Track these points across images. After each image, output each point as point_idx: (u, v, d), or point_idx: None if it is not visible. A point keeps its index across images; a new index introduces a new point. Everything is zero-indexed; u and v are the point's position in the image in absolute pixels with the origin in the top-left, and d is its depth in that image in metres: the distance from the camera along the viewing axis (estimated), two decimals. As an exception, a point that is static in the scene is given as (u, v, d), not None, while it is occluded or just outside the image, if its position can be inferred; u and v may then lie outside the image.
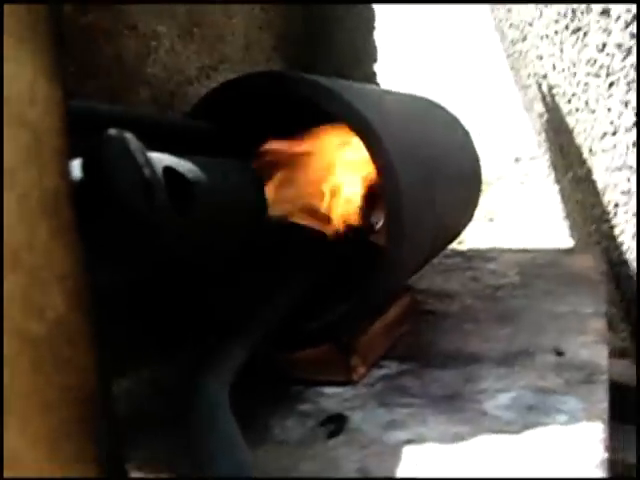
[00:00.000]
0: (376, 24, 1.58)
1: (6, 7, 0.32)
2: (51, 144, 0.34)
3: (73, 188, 0.35)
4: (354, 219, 0.80)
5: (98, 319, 0.36)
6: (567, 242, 1.84)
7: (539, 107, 1.62)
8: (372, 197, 0.81)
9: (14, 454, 0.30)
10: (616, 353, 1.37)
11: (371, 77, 1.54)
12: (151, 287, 0.73)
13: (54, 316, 0.33)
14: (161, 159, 0.49)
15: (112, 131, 0.43)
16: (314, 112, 0.69)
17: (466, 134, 1.05)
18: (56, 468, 0.32)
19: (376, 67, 1.57)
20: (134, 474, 0.54)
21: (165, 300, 0.77)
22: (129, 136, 0.44)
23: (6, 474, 0.29)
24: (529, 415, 0.61)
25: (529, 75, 1.60)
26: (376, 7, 1.57)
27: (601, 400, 0.63)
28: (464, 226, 1.07)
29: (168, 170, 0.49)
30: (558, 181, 1.73)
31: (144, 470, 0.57)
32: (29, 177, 0.32)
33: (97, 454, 0.35)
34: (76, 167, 0.40)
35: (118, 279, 0.50)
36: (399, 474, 0.53)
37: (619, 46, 0.92)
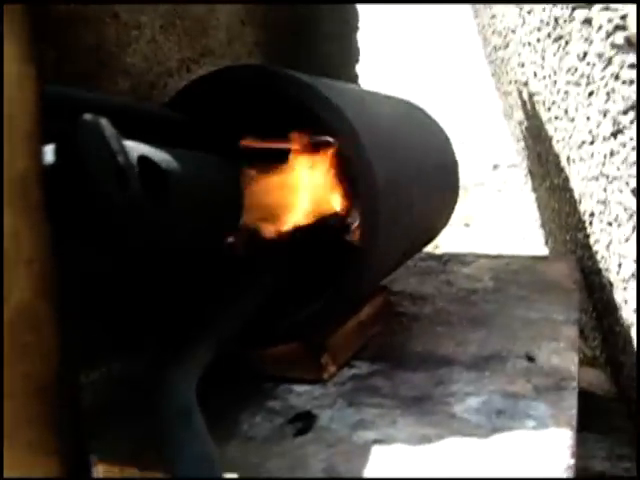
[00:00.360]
0: (359, 25, 1.58)
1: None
2: (22, 126, 0.33)
3: (43, 171, 0.35)
4: (329, 218, 0.80)
5: (63, 306, 0.35)
6: (542, 250, 1.85)
7: (519, 114, 1.62)
8: (348, 196, 0.81)
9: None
10: (586, 362, 1.37)
11: (353, 78, 1.54)
12: (122, 279, 0.73)
13: (19, 300, 0.32)
14: (136, 148, 0.48)
15: (87, 116, 0.43)
16: (295, 108, 0.68)
17: (445, 138, 1.06)
18: (15, 457, 0.32)
19: (358, 68, 1.57)
20: (97, 467, 0.54)
21: (136, 293, 0.76)
22: (104, 122, 0.43)
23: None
24: (498, 419, 0.61)
25: (510, 82, 1.60)
26: (360, 8, 1.57)
27: (570, 407, 0.63)
28: (440, 229, 1.07)
29: (143, 159, 0.48)
30: (535, 189, 1.74)
31: (107, 463, 0.56)
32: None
33: (59, 445, 0.34)
34: (49, 151, 0.40)
35: (88, 266, 0.50)
36: (366, 474, 0.53)
37: (600, 56, 0.92)
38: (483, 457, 0.54)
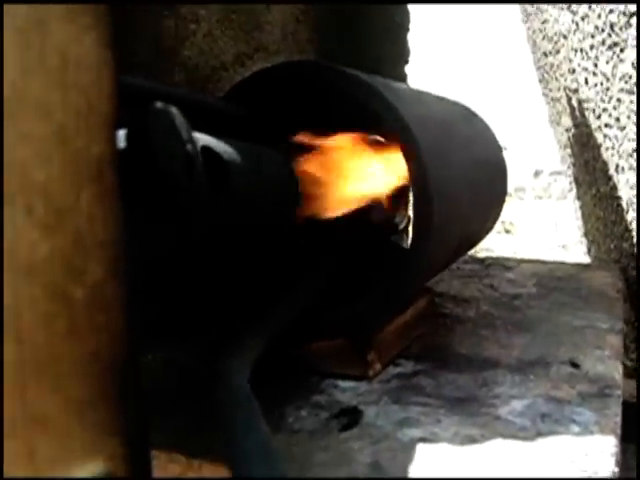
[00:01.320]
0: (410, 26, 1.58)
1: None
2: (101, 110, 0.34)
3: (118, 156, 0.35)
4: (379, 218, 0.80)
5: (132, 288, 0.36)
6: (582, 258, 1.84)
7: (567, 121, 1.61)
8: (397, 197, 0.81)
9: (45, 414, 0.30)
10: (626, 373, 1.36)
11: (403, 78, 1.54)
12: (175, 266, 0.74)
13: (92, 281, 0.33)
14: (200, 138, 0.49)
15: (159, 104, 0.43)
16: (349, 106, 0.69)
17: (497, 143, 1.05)
18: (84, 434, 0.32)
19: (407, 68, 1.57)
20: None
21: (187, 281, 0.77)
22: (175, 111, 0.44)
23: (37, 435, 0.29)
24: (542, 423, 0.61)
25: (559, 88, 1.59)
26: (411, 9, 1.57)
27: (615, 414, 0.63)
28: (485, 234, 1.06)
29: (206, 149, 0.49)
30: (580, 197, 1.73)
31: (157, 449, 0.57)
32: (78, 141, 0.32)
33: (123, 424, 0.35)
34: (121, 137, 0.41)
35: (153, 250, 0.50)
36: (411, 471, 0.53)
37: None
38: (528, 459, 0.54)
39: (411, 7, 1.58)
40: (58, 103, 0.31)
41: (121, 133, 0.41)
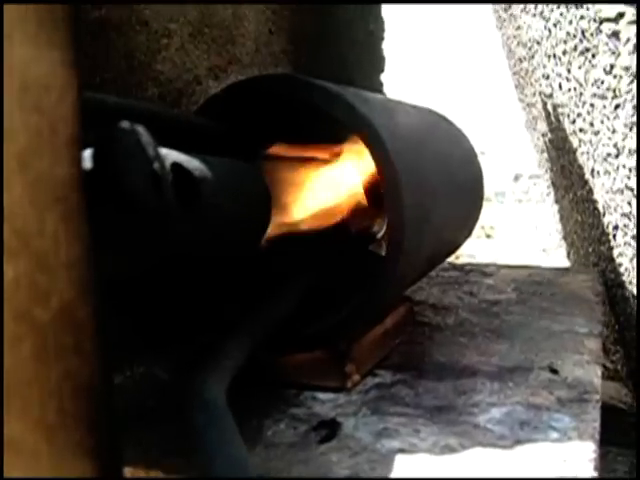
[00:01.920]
0: (384, 35, 1.59)
1: (27, -8, 0.32)
2: (65, 132, 0.34)
3: (83, 176, 0.35)
4: (356, 228, 0.80)
5: (102, 308, 0.36)
6: (564, 262, 1.85)
7: (543, 126, 1.62)
8: (374, 207, 0.81)
9: (13, 438, 0.30)
10: (607, 376, 1.37)
11: (378, 87, 1.54)
12: (148, 282, 0.73)
13: (59, 303, 0.33)
14: (169, 155, 0.49)
15: (124, 123, 0.43)
16: (322, 119, 0.69)
17: (471, 150, 1.06)
18: (54, 455, 0.32)
19: (383, 77, 1.57)
20: (125, 470, 0.54)
21: (161, 296, 0.77)
22: (141, 129, 0.44)
23: (6, 457, 0.29)
24: (521, 430, 0.61)
25: (534, 94, 1.60)
26: (386, 18, 1.58)
27: (593, 419, 0.63)
28: (463, 241, 1.07)
29: (175, 166, 0.49)
30: (557, 201, 1.74)
31: (132, 466, 0.57)
32: (41, 163, 0.32)
33: (95, 445, 0.35)
34: (86, 157, 0.40)
35: (120, 271, 0.50)
36: (390, 482, 0.53)
37: (627, 69, 0.92)
38: (507, 468, 0.54)
39: (386, 15, 1.59)
40: (19, 125, 0.31)
41: (87, 153, 0.41)
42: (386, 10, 1.59)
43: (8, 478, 0.29)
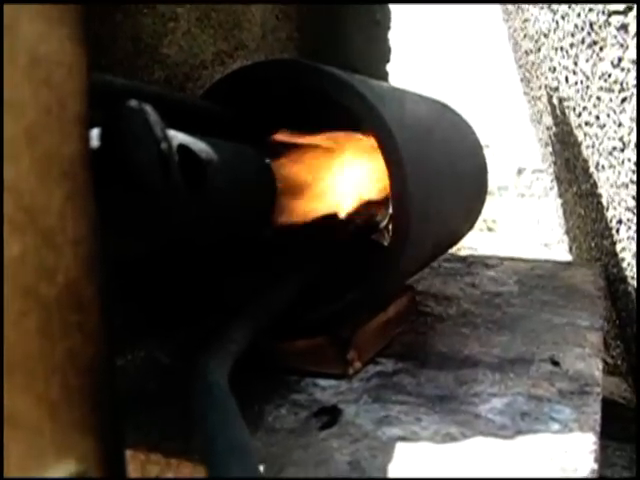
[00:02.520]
0: (391, 25, 1.58)
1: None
2: (73, 108, 0.34)
3: (91, 154, 0.35)
4: (360, 216, 0.80)
5: (107, 287, 0.35)
6: (565, 256, 1.85)
7: (548, 119, 1.62)
8: (378, 196, 0.81)
9: (15, 413, 0.30)
10: (607, 370, 1.37)
11: (383, 77, 1.54)
12: (152, 264, 0.73)
13: (64, 280, 0.33)
14: (176, 136, 0.49)
15: (132, 102, 0.43)
16: (329, 105, 0.68)
17: (477, 141, 1.05)
18: (56, 433, 0.32)
19: (388, 67, 1.57)
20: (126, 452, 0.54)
21: (164, 279, 0.77)
22: (149, 109, 0.43)
23: (8, 432, 0.29)
24: (522, 421, 0.61)
25: (540, 87, 1.60)
26: (392, 8, 1.57)
27: (594, 412, 0.63)
28: (466, 232, 1.07)
29: (182, 148, 0.49)
30: (561, 195, 1.74)
31: (132, 449, 0.57)
32: (50, 139, 0.32)
33: (97, 423, 0.35)
34: (94, 135, 0.40)
35: (125, 251, 0.50)
36: (391, 470, 0.53)
37: (634, 62, 0.92)
38: (507, 458, 0.54)
39: (392, 6, 1.58)
40: (28, 100, 0.31)
41: (95, 131, 0.41)
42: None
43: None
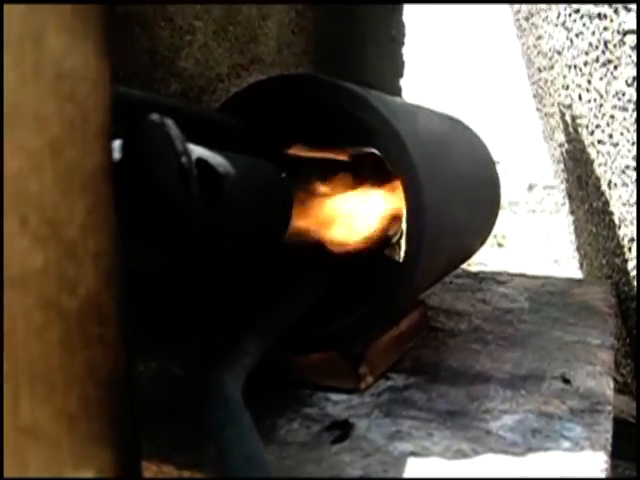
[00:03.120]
0: (404, 40, 1.59)
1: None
2: (96, 122, 0.34)
3: (112, 167, 0.35)
4: (373, 233, 0.80)
5: (127, 300, 0.36)
6: (575, 273, 1.85)
7: (560, 136, 1.62)
8: (391, 211, 0.81)
9: (35, 425, 0.30)
10: (617, 389, 1.37)
11: (397, 92, 1.54)
12: (166, 277, 0.74)
13: (85, 292, 0.33)
14: (194, 150, 0.49)
15: (154, 116, 0.43)
16: (345, 120, 0.69)
17: (489, 157, 1.06)
18: (75, 445, 0.32)
19: (401, 82, 1.57)
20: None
21: (179, 291, 0.77)
22: (170, 123, 0.44)
23: (27, 445, 0.29)
24: (533, 438, 0.61)
25: (553, 104, 1.60)
26: (406, 23, 1.58)
27: (605, 430, 0.63)
28: (478, 247, 1.07)
29: (200, 161, 0.49)
30: (572, 212, 1.73)
31: (145, 460, 0.57)
32: (73, 152, 0.32)
33: (115, 436, 0.35)
34: (116, 148, 0.41)
35: (144, 264, 0.50)
36: (403, 485, 0.53)
37: (648, 80, 0.92)
38: (518, 475, 0.54)
39: (407, 20, 1.59)
40: (53, 114, 0.31)
41: (116, 144, 0.41)
42: (407, 15, 1.59)
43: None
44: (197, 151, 0.50)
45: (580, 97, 1.29)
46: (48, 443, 0.31)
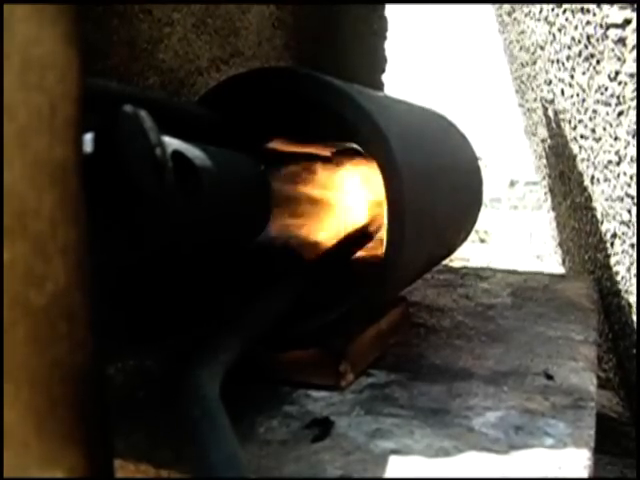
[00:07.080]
0: (387, 35, 1.58)
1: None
2: (65, 112, 0.33)
3: (82, 159, 0.34)
4: (354, 227, 0.79)
5: (96, 296, 0.35)
6: (558, 269, 1.85)
7: (542, 132, 1.62)
8: (372, 206, 0.80)
9: (2, 425, 0.29)
10: (599, 384, 1.37)
11: (379, 87, 1.54)
12: (143, 272, 0.73)
13: (54, 288, 0.32)
14: (170, 143, 0.48)
15: (128, 107, 0.42)
16: (326, 115, 0.68)
17: (472, 152, 1.05)
18: (43, 445, 0.31)
19: (384, 77, 1.57)
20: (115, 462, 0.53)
21: (155, 287, 0.76)
22: (144, 114, 0.43)
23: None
24: (516, 435, 0.60)
25: (535, 99, 1.60)
26: (388, 18, 1.57)
27: (588, 426, 0.62)
28: (460, 243, 1.06)
29: (176, 154, 0.48)
30: (555, 207, 1.73)
31: (121, 459, 0.56)
32: (40, 143, 0.31)
33: (85, 435, 0.34)
34: (88, 140, 0.40)
35: (117, 258, 0.49)
36: (383, 483, 0.52)
37: (632, 75, 0.92)
38: (500, 472, 0.54)
39: (389, 16, 1.58)
40: (20, 104, 0.30)
41: (88, 137, 0.40)
42: (389, 11, 1.59)
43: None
44: (174, 143, 0.49)
45: (563, 92, 1.28)
46: (15, 442, 0.30)
